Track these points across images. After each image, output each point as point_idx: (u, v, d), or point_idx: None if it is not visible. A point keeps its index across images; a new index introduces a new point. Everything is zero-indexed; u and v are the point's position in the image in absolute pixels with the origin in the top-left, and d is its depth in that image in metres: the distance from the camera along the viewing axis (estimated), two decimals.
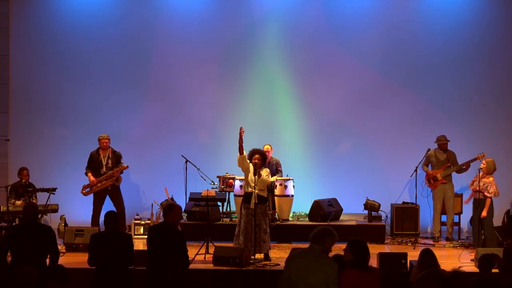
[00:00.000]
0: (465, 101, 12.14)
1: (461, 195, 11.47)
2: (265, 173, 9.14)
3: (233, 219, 10.95)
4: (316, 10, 12.18)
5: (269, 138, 11.50)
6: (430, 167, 11.22)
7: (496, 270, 6.37)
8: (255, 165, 9.06)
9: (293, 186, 11.20)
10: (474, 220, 10.19)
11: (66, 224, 10.61)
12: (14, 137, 12.20)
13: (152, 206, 11.07)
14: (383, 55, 12.19)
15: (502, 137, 12.04)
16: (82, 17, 12.19)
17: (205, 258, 9.17)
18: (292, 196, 11.18)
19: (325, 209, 11.15)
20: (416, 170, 10.73)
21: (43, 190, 10.35)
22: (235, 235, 9.28)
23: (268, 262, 8.99)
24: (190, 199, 10.38)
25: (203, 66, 12.24)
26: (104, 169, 11.01)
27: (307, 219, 11.38)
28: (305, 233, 10.53)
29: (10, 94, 12.26)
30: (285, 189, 11.09)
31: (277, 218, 11.05)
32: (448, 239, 11.03)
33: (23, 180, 10.73)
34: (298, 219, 11.40)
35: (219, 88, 12.30)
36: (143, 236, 10.45)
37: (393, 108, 12.16)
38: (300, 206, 11.67)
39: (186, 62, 12.24)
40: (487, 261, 6.18)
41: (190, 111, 12.29)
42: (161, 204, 11.03)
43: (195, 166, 10.95)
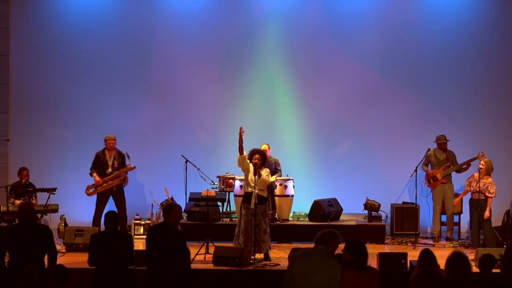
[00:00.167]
0: (465, 101, 12.14)
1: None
2: (265, 173, 9.13)
3: (233, 219, 10.95)
4: (316, 10, 12.18)
5: (269, 138, 11.49)
6: (430, 167, 11.22)
7: (496, 270, 6.37)
8: (255, 165, 9.05)
9: (293, 186, 11.20)
10: (473, 221, 10.19)
11: (66, 224, 10.59)
12: (14, 137, 12.20)
13: (152, 206, 11.07)
14: (383, 55, 12.19)
15: (502, 137, 12.04)
16: (82, 17, 12.20)
17: (205, 258, 9.16)
18: (292, 196, 11.18)
19: (325, 209, 11.14)
20: (416, 170, 10.72)
21: (43, 190, 10.35)
22: (235, 235, 9.27)
23: (268, 262, 8.98)
24: (190, 199, 10.38)
25: (203, 66, 12.24)
26: (110, 170, 10.96)
27: (307, 219, 11.37)
28: (305, 233, 10.68)
29: (10, 94, 12.26)
30: (285, 189, 11.09)
31: (277, 218, 11.05)
32: (448, 239, 11.03)
33: (23, 180, 10.73)
34: (298, 219, 11.40)
35: (219, 88, 12.31)
36: (143, 236, 10.43)
37: (393, 108, 12.16)
38: (300, 206, 11.67)
39: (186, 62, 12.24)
40: (487, 261, 6.17)
41: (190, 111, 12.28)
42: (161, 204, 11.03)
43: (195, 166, 10.95)
